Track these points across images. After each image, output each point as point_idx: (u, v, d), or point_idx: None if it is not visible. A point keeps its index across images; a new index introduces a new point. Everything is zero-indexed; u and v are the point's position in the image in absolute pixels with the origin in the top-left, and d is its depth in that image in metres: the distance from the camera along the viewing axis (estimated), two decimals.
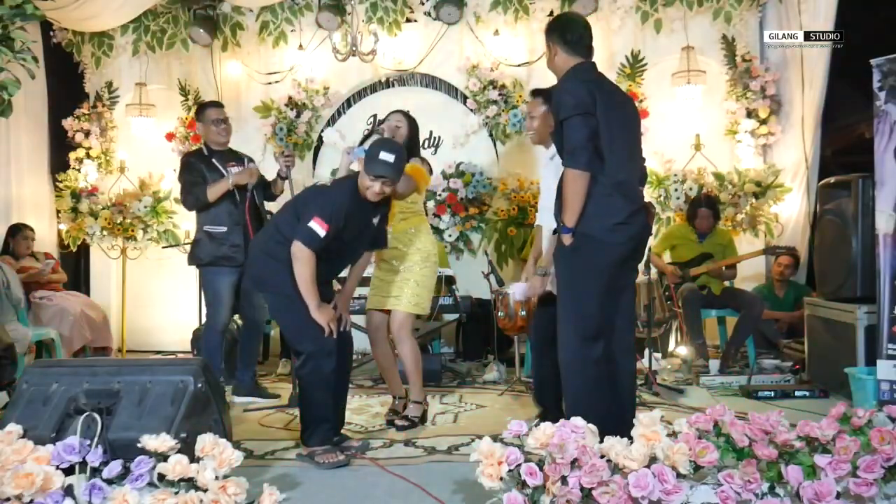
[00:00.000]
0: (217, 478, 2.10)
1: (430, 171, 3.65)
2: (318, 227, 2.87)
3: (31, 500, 2.01)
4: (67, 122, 6.18)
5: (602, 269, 2.67)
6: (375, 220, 3.17)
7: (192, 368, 2.50)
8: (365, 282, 3.72)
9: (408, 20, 5.86)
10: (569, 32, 2.76)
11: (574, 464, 2.02)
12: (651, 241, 4.45)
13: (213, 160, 4.13)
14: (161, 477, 2.11)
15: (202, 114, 4.20)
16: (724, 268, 4.87)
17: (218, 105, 4.33)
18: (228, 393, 4.29)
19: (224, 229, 4.08)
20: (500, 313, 4.35)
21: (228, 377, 4.47)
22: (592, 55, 2.82)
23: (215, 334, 4.13)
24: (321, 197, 3.02)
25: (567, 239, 2.66)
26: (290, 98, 5.94)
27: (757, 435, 2.11)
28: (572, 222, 2.63)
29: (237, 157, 4.20)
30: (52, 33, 6.08)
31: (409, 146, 3.49)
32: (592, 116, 2.59)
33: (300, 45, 5.93)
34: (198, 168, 4.10)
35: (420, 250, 3.55)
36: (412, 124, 3.58)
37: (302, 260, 2.89)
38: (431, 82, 5.93)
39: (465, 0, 5.71)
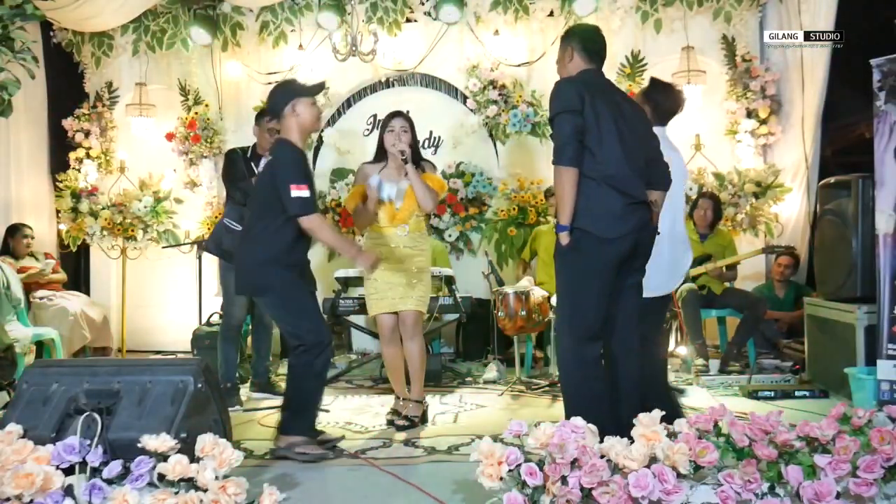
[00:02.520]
0: (217, 478, 2.10)
1: (435, 170, 3.69)
2: (300, 192, 2.91)
3: (31, 500, 2.01)
4: (67, 122, 6.18)
5: (600, 267, 2.67)
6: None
7: (192, 368, 2.50)
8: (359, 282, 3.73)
9: (408, 20, 5.86)
10: (590, 43, 2.88)
11: (574, 464, 2.02)
12: None
13: (253, 163, 4.19)
14: (161, 477, 2.11)
15: (260, 120, 4.26)
16: (724, 269, 4.87)
17: None
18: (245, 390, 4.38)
19: (240, 228, 4.11)
20: (500, 313, 4.36)
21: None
22: (603, 64, 2.92)
23: (226, 331, 4.20)
24: (279, 168, 3.02)
25: (564, 237, 2.68)
26: None
27: (757, 435, 2.11)
28: (566, 219, 2.66)
29: None
30: (52, 33, 6.08)
31: (414, 148, 3.56)
32: (578, 114, 2.64)
33: (300, 45, 5.93)
34: (240, 165, 4.19)
35: (426, 251, 3.62)
36: (413, 126, 3.62)
37: (316, 227, 2.97)
38: (431, 82, 5.93)
39: (465, 0, 5.71)
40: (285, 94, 3.12)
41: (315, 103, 3.15)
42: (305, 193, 2.91)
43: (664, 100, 3.16)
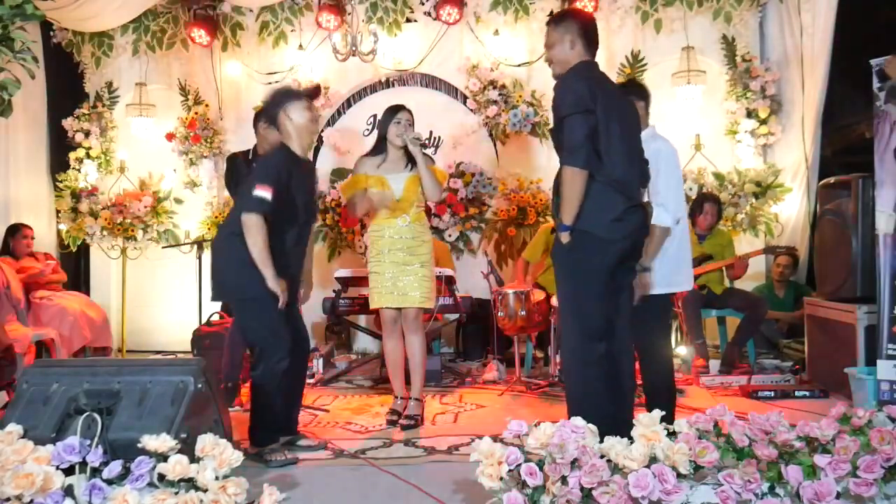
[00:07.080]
0: (217, 478, 2.10)
1: (433, 163, 3.70)
2: (263, 192, 2.93)
3: (31, 500, 2.01)
4: (67, 122, 6.19)
5: (602, 267, 2.67)
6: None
7: (192, 368, 2.50)
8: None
9: (408, 20, 5.87)
10: (591, 32, 2.81)
11: (574, 464, 2.02)
12: None
13: (255, 165, 4.13)
14: (161, 477, 2.11)
15: (259, 120, 4.10)
16: (724, 269, 4.86)
17: None
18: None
19: None
20: (500, 313, 4.36)
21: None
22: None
23: (236, 333, 4.14)
24: (258, 168, 3.12)
25: (565, 237, 2.67)
26: None
27: (757, 435, 2.11)
28: (570, 220, 2.64)
29: None
30: (52, 33, 6.08)
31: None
32: (592, 114, 2.59)
33: (300, 45, 5.93)
34: (241, 170, 4.11)
35: (427, 242, 3.60)
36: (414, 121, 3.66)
37: (252, 227, 2.93)
38: (431, 82, 5.93)
39: (465, 0, 5.70)
40: (277, 100, 3.14)
41: (310, 107, 3.15)
42: (264, 194, 2.92)
43: (646, 96, 3.19)
